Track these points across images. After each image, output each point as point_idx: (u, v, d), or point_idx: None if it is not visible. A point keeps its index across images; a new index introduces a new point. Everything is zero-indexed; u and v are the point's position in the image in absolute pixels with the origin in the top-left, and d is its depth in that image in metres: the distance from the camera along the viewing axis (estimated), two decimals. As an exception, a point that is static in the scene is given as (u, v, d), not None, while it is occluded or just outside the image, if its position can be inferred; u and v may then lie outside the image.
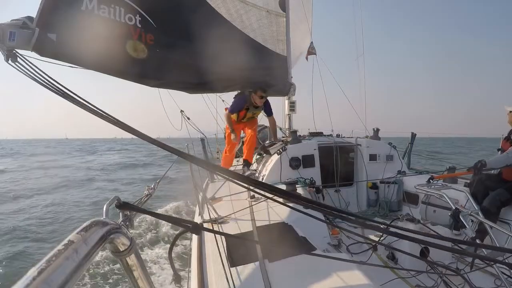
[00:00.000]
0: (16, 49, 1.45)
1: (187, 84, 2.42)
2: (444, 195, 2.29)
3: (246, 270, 1.43)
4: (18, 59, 1.42)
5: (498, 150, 2.93)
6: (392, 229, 1.06)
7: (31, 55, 1.49)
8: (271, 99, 4.79)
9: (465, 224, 2.19)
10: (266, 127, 6.90)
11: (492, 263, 1.67)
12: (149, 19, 2.07)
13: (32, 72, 1.34)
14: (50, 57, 1.61)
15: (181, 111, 4.53)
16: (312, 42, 5.10)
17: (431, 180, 2.82)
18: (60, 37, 1.64)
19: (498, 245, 2.07)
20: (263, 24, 3.29)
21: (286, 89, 3.79)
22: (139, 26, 2.02)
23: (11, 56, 1.41)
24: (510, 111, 2.82)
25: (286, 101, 4.73)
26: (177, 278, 1.56)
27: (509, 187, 2.55)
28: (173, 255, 4.61)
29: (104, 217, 0.88)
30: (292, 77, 4.08)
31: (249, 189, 1.24)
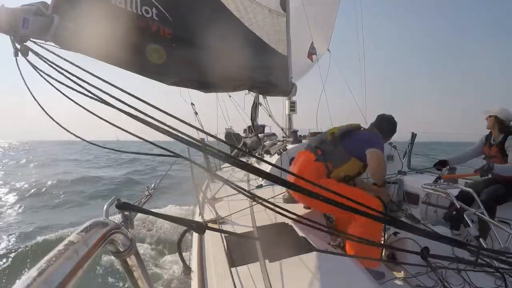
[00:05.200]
0: (31, 39, 1.29)
1: (202, 83, 2.37)
2: (451, 195, 2.30)
3: (246, 270, 1.43)
4: (31, 53, 1.24)
5: (484, 158, 2.93)
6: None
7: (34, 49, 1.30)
8: (271, 99, 4.81)
9: (469, 223, 2.19)
10: (274, 134, 6.89)
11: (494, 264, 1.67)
12: (165, 12, 2.01)
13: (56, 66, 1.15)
14: (67, 48, 1.49)
15: (192, 104, 4.51)
16: (312, 42, 5.10)
17: (438, 180, 2.83)
18: (77, 26, 1.53)
19: (499, 245, 2.08)
20: (267, 23, 3.29)
21: (288, 89, 3.80)
22: (156, 19, 1.96)
23: (23, 48, 1.24)
24: (490, 116, 2.79)
25: (287, 101, 4.73)
26: (187, 270, 1.57)
27: (504, 182, 2.58)
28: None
29: (104, 217, 0.88)
30: (292, 77, 4.09)
31: (249, 194, 1.23)
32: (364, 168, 2.25)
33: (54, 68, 1.14)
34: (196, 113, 4.71)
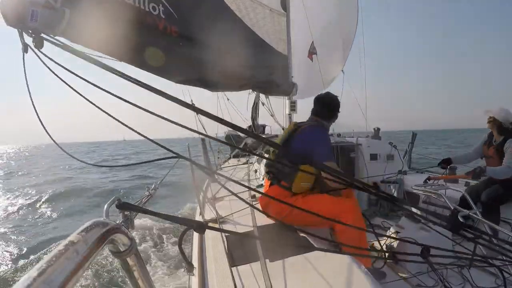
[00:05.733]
0: (42, 33, 1.22)
1: (206, 82, 2.36)
2: (442, 195, 2.28)
3: (247, 269, 1.43)
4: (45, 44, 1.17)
5: (482, 158, 2.92)
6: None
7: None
8: (271, 98, 4.81)
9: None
10: (276, 135, 6.88)
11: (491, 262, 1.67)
12: (171, 10, 2.00)
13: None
14: (77, 42, 1.45)
15: (192, 103, 4.46)
16: (313, 42, 5.09)
17: (427, 181, 2.82)
18: (86, 21, 1.48)
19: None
20: (267, 22, 3.28)
21: (290, 88, 3.80)
22: (163, 16, 1.95)
23: (37, 40, 1.17)
24: (490, 117, 2.76)
25: (287, 101, 4.72)
26: (189, 267, 1.58)
27: (502, 182, 2.58)
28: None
29: (104, 217, 0.88)
30: (293, 77, 4.09)
31: (250, 188, 1.24)
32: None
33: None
34: (197, 113, 4.69)
